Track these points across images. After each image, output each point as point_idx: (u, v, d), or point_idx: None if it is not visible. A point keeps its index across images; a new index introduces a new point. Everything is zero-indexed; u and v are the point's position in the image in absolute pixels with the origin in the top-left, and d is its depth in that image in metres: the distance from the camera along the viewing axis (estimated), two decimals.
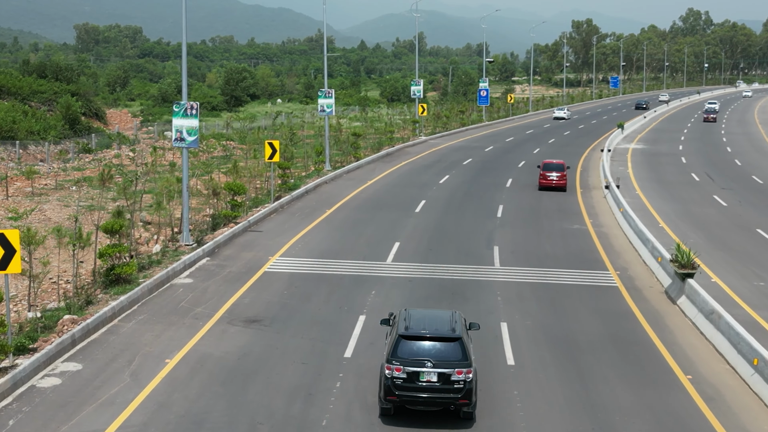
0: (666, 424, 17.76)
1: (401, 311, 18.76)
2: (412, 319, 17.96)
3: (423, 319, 18.00)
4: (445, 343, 17.20)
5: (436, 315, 18.66)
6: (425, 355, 17.01)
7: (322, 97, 55.02)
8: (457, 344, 17.14)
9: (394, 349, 17.11)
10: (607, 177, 49.05)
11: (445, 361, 16.93)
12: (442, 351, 17.07)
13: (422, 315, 18.45)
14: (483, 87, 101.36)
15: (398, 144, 71.55)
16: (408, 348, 17.08)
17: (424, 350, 17.09)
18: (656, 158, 66.47)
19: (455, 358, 16.98)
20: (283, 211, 40.48)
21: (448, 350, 17.07)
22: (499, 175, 54.52)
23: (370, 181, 51.15)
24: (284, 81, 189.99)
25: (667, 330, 23.91)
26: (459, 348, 17.11)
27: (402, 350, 17.06)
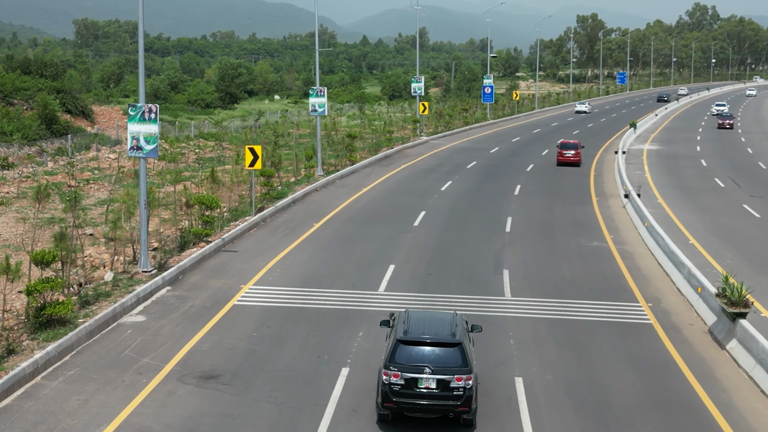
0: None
1: (401, 314, 18.25)
2: (412, 322, 17.48)
3: (422, 323, 17.50)
4: (444, 348, 16.70)
5: (436, 318, 18.09)
6: (424, 361, 16.52)
7: (313, 96, 50.56)
8: (457, 350, 16.63)
9: (391, 355, 16.63)
10: (626, 184, 44.55)
11: (445, 367, 16.45)
12: (441, 357, 16.60)
13: (422, 318, 17.92)
14: (487, 84, 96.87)
15: (397, 145, 67.07)
16: (406, 353, 16.61)
17: (422, 356, 16.61)
18: (674, 161, 61.93)
19: (455, 364, 16.50)
20: (265, 226, 36.03)
21: (447, 356, 16.59)
22: (506, 181, 50.04)
23: (365, 188, 46.69)
24: (284, 77, 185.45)
25: (719, 387, 19.43)
26: (459, 354, 16.60)
27: (400, 356, 16.57)
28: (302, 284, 26.77)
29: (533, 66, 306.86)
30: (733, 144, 74.98)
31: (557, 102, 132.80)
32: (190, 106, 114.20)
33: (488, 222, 37.53)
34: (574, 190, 47.30)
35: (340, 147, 57.81)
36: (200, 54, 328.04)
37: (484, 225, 36.80)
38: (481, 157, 61.97)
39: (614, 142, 74.50)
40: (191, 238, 30.86)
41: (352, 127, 79.12)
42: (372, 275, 28.00)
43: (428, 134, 77.06)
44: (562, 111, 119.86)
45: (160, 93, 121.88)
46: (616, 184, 49.42)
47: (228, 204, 40.06)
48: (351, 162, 54.53)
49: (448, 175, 52.21)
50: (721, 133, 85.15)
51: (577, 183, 50.11)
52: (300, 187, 45.27)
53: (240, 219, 36.09)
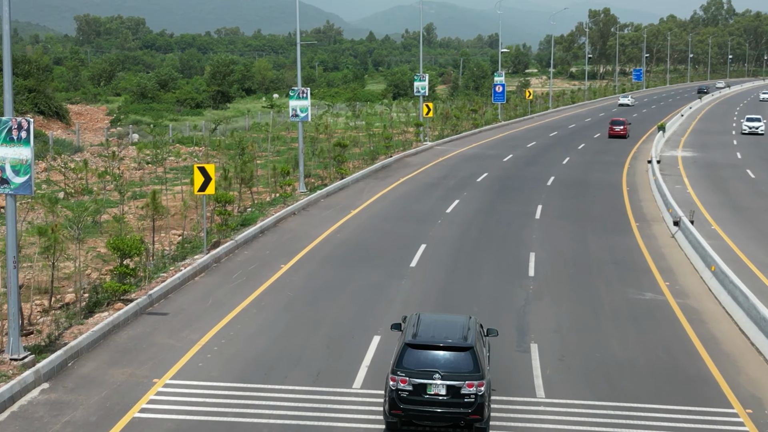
0: None
1: (412, 316, 17.58)
2: (422, 325, 16.70)
3: (433, 326, 16.72)
4: (455, 352, 15.88)
5: (448, 321, 17.43)
6: (433, 366, 15.70)
7: (294, 98, 42.45)
8: (469, 354, 15.79)
9: (399, 359, 15.82)
10: (672, 207, 36.30)
11: (455, 373, 15.61)
12: (451, 361, 15.76)
13: (433, 321, 17.19)
14: (499, 82, 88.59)
15: (397, 152, 58.90)
16: (415, 358, 15.78)
17: (432, 360, 15.79)
18: (715, 171, 53.61)
19: (466, 369, 15.65)
20: (218, 269, 27.92)
21: (458, 361, 15.76)
22: (524, 199, 41.88)
23: (355, 210, 38.53)
24: (284, 74, 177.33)
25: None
26: (470, 358, 15.76)
27: (408, 360, 15.76)
28: (243, 376, 18.65)
29: (543, 62, 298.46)
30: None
31: (572, 100, 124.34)
32: (178, 106, 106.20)
33: (506, 261, 29.36)
34: (608, 212, 39.11)
35: (332, 154, 49.49)
36: (203, 51, 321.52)
37: (501, 266, 28.63)
38: (493, 166, 53.77)
39: (642, 147, 66.24)
40: (105, 296, 22.79)
41: (349, 130, 71.05)
42: (347, 358, 19.88)
43: (433, 138, 68.93)
44: (579, 110, 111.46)
45: (147, 91, 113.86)
46: (656, 204, 41.19)
47: (183, 233, 32.06)
48: (341, 175, 46.41)
49: (455, 191, 44.06)
50: (758, 137, 76.71)
51: (610, 201, 41.91)
52: (274, 209, 37.16)
53: (187, 259, 28.03)
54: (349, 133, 68.29)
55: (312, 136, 56.84)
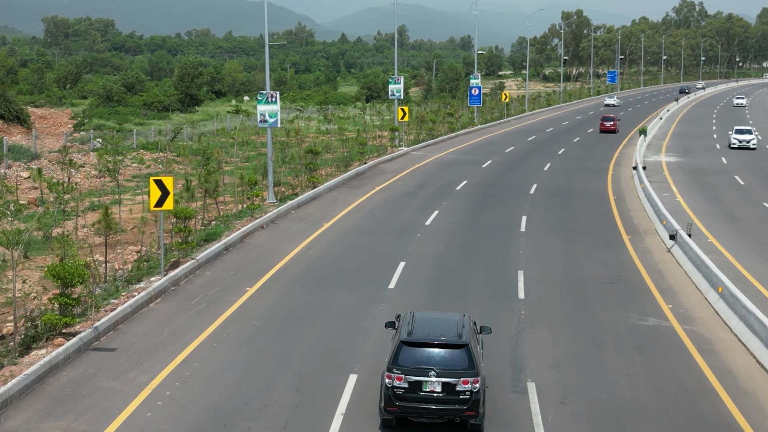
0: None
1: (406, 314, 17.53)
2: (416, 323, 16.75)
3: (427, 324, 16.77)
4: (450, 350, 15.95)
5: (442, 319, 17.44)
6: (428, 363, 15.77)
7: (262, 102, 39.80)
8: (464, 351, 15.86)
9: (395, 357, 15.89)
10: (666, 218, 34.04)
11: (450, 370, 15.68)
12: (446, 359, 15.83)
13: (427, 319, 17.21)
14: (475, 84, 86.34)
15: (372, 158, 56.39)
16: (410, 355, 15.84)
17: (427, 358, 15.86)
18: (702, 177, 51.58)
19: (461, 366, 15.73)
20: (176, 293, 25.24)
21: (453, 358, 15.82)
22: (508, 209, 39.52)
23: (328, 222, 35.95)
24: (254, 76, 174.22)
25: None
26: (465, 355, 15.82)
27: (403, 358, 15.83)
28: (198, 429, 16.04)
29: (516, 64, 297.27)
30: (759, 151, 64.72)
31: (548, 103, 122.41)
32: (145, 110, 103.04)
33: (492, 281, 26.92)
34: (597, 223, 36.80)
35: (304, 162, 46.72)
36: (173, 53, 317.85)
37: (488, 287, 26.17)
38: (472, 173, 51.39)
39: (624, 152, 64.21)
40: (44, 331, 20.08)
41: (322, 134, 68.44)
42: (319, 403, 17.31)
43: (409, 143, 66.51)
44: (556, 113, 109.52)
45: (113, 94, 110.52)
46: (647, 214, 38.96)
47: (140, 250, 29.37)
48: (313, 184, 43.81)
49: (434, 200, 41.61)
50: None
51: (598, 211, 39.63)
52: (241, 222, 34.51)
53: (142, 281, 25.35)
54: (321, 137, 65.77)
55: (283, 141, 54.27)
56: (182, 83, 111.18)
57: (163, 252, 26.29)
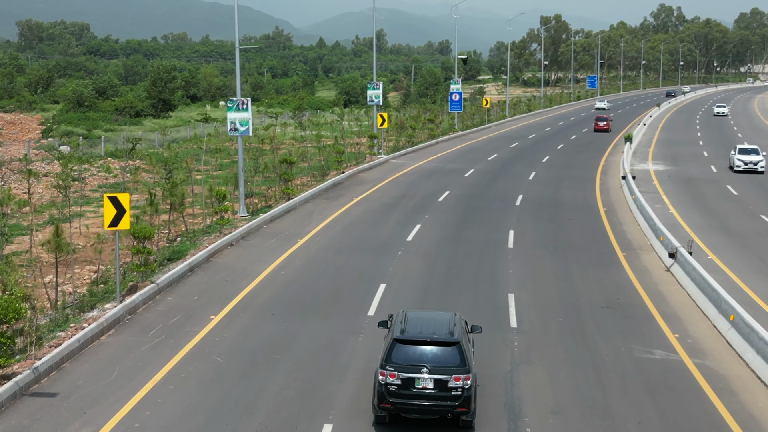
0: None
1: (398, 313, 17.82)
2: (409, 321, 17.09)
3: (420, 322, 17.10)
4: (442, 347, 16.26)
5: (434, 317, 17.69)
6: (421, 361, 16.09)
7: (233, 110, 37.35)
8: (455, 349, 16.19)
9: (388, 354, 16.20)
10: (664, 234, 31.90)
11: (442, 367, 16.00)
12: (439, 356, 16.16)
13: (420, 317, 17.54)
14: (455, 90, 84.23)
15: (350, 167, 54.04)
16: (403, 353, 16.18)
17: (419, 355, 16.18)
18: (694, 187, 49.64)
19: (453, 363, 16.04)
20: (131, 324, 22.75)
21: (445, 355, 16.15)
22: (494, 224, 37.28)
23: (302, 239, 33.54)
24: (231, 81, 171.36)
25: None
26: (457, 353, 16.15)
27: (396, 355, 16.14)
28: None
29: (494, 69, 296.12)
30: None
31: (529, 109, 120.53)
32: (116, 115, 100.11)
33: (481, 307, 24.62)
34: (589, 239, 34.64)
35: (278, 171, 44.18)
36: (149, 57, 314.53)
37: (477, 314, 23.83)
38: (455, 183, 49.16)
39: (610, 160, 62.25)
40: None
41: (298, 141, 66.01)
42: None
43: (388, 151, 64.22)
44: (537, 119, 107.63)
45: (84, 99, 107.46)
46: (640, 228, 36.86)
47: (98, 270, 26.89)
48: (287, 196, 41.38)
49: (416, 213, 39.31)
50: (730, 146, 73.17)
51: (589, 225, 37.47)
52: (210, 239, 32.06)
53: (95, 309, 22.87)
54: (297, 145, 63.34)
55: (257, 148, 51.86)
56: (155, 88, 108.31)
57: (118, 277, 23.79)
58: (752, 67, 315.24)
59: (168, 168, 35.10)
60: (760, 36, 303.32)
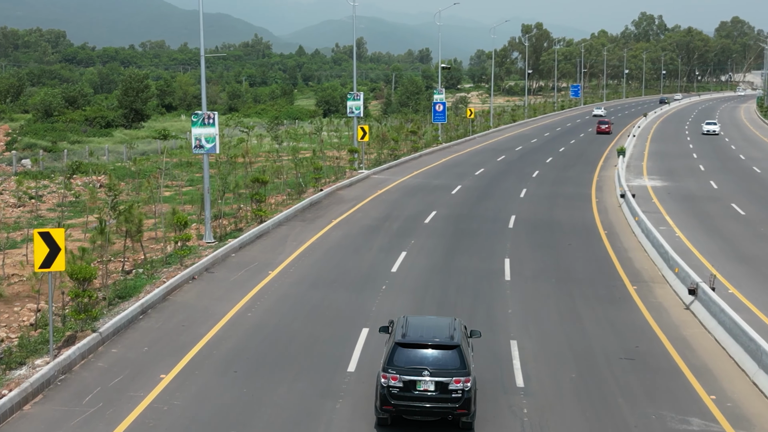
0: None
1: (399, 318, 18.11)
2: (410, 326, 17.44)
3: (421, 327, 17.50)
4: (442, 351, 16.61)
5: (434, 322, 18.15)
6: (422, 364, 16.43)
7: (198, 125, 33.62)
8: (455, 352, 16.55)
9: (390, 358, 16.56)
10: (680, 265, 28.49)
11: (443, 370, 16.35)
12: (439, 359, 16.51)
13: (420, 322, 17.96)
14: (439, 100, 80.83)
15: (329, 184, 50.45)
16: (404, 356, 16.53)
17: (421, 358, 16.50)
18: (696, 205, 46.41)
19: (453, 366, 16.40)
20: (63, 387, 18.91)
21: (445, 358, 16.50)
22: (487, 251, 33.78)
23: (274, 270, 29.89)
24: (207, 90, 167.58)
25: None
26: (457, 356, 16.49)
27: (398, 358, 16.49)
28: None
29: (475, 77, 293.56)
30: (745, 173, 59.83)
31: (513, 119, 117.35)
32: (86, 126, 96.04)
33: (480, 357, 20.85)
34: (593, 269, 31.19)
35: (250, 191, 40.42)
36: (126, 65, 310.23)
37: (476, 370, 20.28)
38: (441, 202, 45.68)
39: (604, 175, 59.03)
40: None
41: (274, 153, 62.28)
42: None
43: (370, 164, 60.72)
44: (522, 130, 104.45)
45: (53, 109, 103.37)
46: (647, 254, 33.47)
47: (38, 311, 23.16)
48: (259, 218, 37.72)
49: (401, 238, 35.76)
50: (723, 159, 70.19)
51: (591, 252, 34.02)
52: (169, 272, 28.36)
53: (24, 367, 19.15)
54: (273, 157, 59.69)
55: (230, 161, 48.22)
56: (127, 97, 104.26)
57: (52, 327, 20.03)
58: (733, 76, 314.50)
59: (113, 193, 31.19)
60: (741, 44, 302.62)
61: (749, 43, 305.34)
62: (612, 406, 18.34)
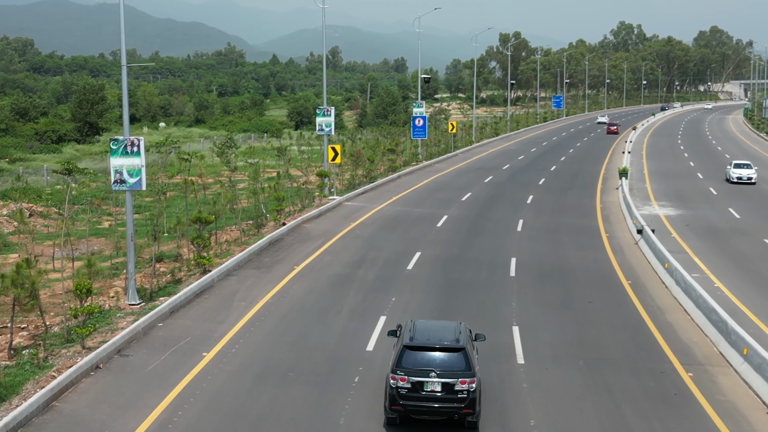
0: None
1: (407, 322, 18.77)
2: (418, 329, 17.95)
3: (428, 330, 17.96)
4: (449, 353, 17.15)
5: (441, 326, 18.64)
6: (429, 365, 16.93)
7: (117, 155, 26.13)
8: (461, 354, 17.06)
9: (398, 360, 17.06)
10: (750, 346, 21.49)
11: (449, 371, 16.85)
12: (446, 361, 17.02)
13: (428, 326, 18.46)
14: (418, 114, 73.79)
15: (294, 216, 43.20)
16: (412, 358, 17.04)
17: (428, 360, 17.02)
18: (725, 241, 39.53)
19: (459, 368, 16.89)
20: None
21: (452, 360, 17.02)
22: (488, 312, 26.63)
23: (210, 351, 22.48)
24: (173, 100, 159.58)
25: None
26: (463, 358, 17.02)
27: (407, 360, 17.01)
28: None
29: (452, 87, 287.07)
30: (766, 198, 53.34)
31: (495, 132, 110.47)
32: (33, 141, 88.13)
33: None
34: (628, 342, 24.05)
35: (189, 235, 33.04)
36: (95, 74, 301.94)
37: None
38: (426, 239, 38.54)
39: (606, 200, 52.26)
40: None
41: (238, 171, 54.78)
42: None
43: (343, 187, 53.54)
44: (506, 144, 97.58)
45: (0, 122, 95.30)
46: (689, 316, 26.48)
47: None
48: (202, 268, 30.32)
49: (378, 294, 28.53)
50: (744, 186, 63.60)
51: (619, 315, 26.89)
52: (69, 356, 20.92)
53: None
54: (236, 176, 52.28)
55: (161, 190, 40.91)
56: (81, 110, 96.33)
57: None
58: (711, 86, 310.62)
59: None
60: (720, 54, 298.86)
61: (728, 53, 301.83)
62: None
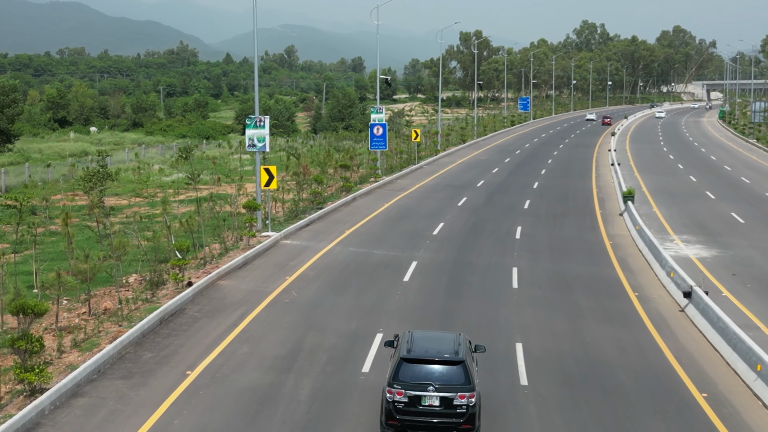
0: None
1: (405, 333, 18.12)
2: (415, 341, 17.34)
3: (426, 342, 17.38)
4: (447, 366, 16.63)
5: (439, 337, 18.09)
6: (427, 379, 16.41)
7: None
8: (460, 368, 16.54)
9: (395, 373, 16.51)
10: None
11: (448, 385, 16.36)
12: (444, 374, 16.51)
13: (425, 337, 17.82)
14: (377, 120, 62.69)
15: (209, 265, 31.77)
16: (410, 371, 16.49)
17: (426, 374, 16.51)
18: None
19: (458, 381, 16.40)
20: None
21: (450, 374, 16.50)
22: None
23: None
24: (108, 101, 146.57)
25: None
26: (462, 371, 16.50)
27: (404, 374, 16.46)
28: None
29: (411, 88, 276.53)
30: None
31: (462, 139, 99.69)
32: None
33: None
34: None
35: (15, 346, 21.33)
36: (39, 73, 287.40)
37: None
38: (389, 305, 27.37)
39: (613, 233, 41.68)
40: None
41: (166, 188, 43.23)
42: None
43: (281, 220, 42.24)
44: (476, 153, 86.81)
45: None
46: None
47: None
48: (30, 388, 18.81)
49: (320, 423, 17.44)
50: (753, 200, 53.29)
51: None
52: None
53: None
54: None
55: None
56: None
57: None
58: (674, 87, 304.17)
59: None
60: (683, 54, 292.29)
61: (691, 53, 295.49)
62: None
